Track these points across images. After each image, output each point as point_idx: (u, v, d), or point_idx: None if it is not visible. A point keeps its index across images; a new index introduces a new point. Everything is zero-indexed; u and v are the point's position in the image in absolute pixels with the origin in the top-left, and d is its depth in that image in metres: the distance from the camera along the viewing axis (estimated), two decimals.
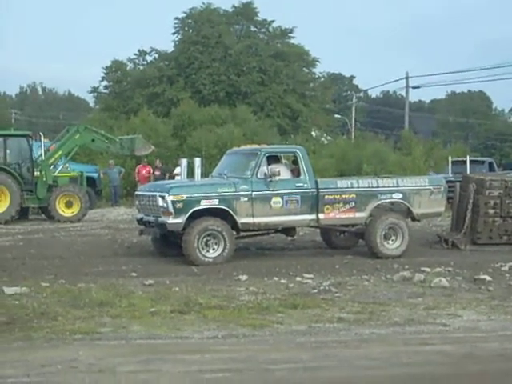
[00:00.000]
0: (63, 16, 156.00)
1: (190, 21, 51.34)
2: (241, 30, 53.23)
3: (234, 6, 52.02)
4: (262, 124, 43.14)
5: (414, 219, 17.30)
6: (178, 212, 15.21)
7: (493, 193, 18.23)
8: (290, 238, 18.04)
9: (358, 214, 16.48)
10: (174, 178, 29.08)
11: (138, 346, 8.56)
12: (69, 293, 11.51)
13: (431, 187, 17.10)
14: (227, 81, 47.94)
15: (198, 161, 17.24)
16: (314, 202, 16.13)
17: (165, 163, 34.17)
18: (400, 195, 16.78)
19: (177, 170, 30.65)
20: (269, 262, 15.34)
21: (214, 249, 15.34)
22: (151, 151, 29.02)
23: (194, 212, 15.30)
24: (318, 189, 16.18)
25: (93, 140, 26.45)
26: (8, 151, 25.23)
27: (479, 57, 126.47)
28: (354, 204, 16.39)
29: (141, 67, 51.70)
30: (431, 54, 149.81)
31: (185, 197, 15.35)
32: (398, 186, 16.85)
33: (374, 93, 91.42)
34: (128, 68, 51.54)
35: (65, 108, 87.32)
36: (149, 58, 51.98)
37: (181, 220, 15.23)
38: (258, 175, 15.88)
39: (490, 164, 34.11)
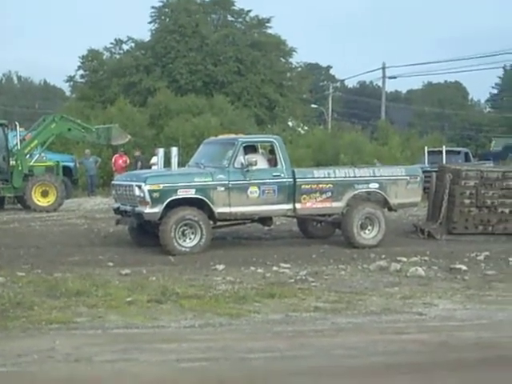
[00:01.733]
0: (38, 3, 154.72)
1: (166, 10, 51.14)
2: (218, 19, 53.10)
3: None
4: (239, 114, 43.09)
5: (390, 209, 17.37)
6: (154, 201, 15.18)
7: (468, 183, 18.34)
8: (266, 228, 18.07)
9: (334, 204, 16.52)
10: (150, 167, 29.01)
11: (114, 336, 8.54)
12: (45, 282, 11.46)
13: (408, 177, 17.16)
14: (204, 70, 47.81)
15: (174, 150, 17.21)
16: (291, 192, 16.15)
17: (142, 153, 34.04)
18: (376, 185, 16.84)
19: (153, 160, 30.59)
20: (245, 252, 15.36)
21: (190, 238, 15.34)
22: (127, 140, 28.92)
23: (170, 202, 15.28)
24: (294, 178, 16.20)
25: (69, 129, 26.31)
26: None
27: (455, 48, 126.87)
28: (330, 194, 16.43)
29: (117, 56, 51.44)
30: (408, 44, 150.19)
31: (161, 186, 15.32)
32: (374, 176, 16.91)
33: (350, 83, 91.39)
34: (104, 57, 51.25)
35: (40, 97, 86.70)
36: (125, 47, 51.75)
37: (157, 210, 15.21)
38: (235, 165, 15.88)
39: (466, 154, 34.19)
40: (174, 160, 16.96)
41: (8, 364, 7.38)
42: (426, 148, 33.45)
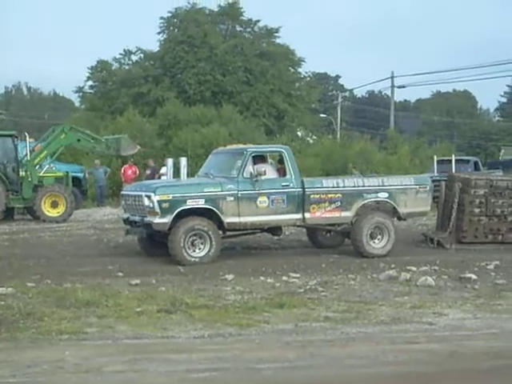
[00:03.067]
0: (48, 15, 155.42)
1: (175, 20, 51.23)
2: (226, 29, 53.16)
3: (219, 6, 51.93)
4: (248, 124, 43.11)
5: (399, 218, 17.34)
6: (164, 212, 15.19)
7: (478, 192, 18.30)
8: (276, 238, 18.06)
9: (343, 214, 16.51)
10: (160, 177, 29.06)
11: (124, 346, 8.55)
12: (55, 293, 11.47)
13: (417, 186, 17.14)
14: (213, 80, 47.85)
15: (183, 160, 17.25)
16: (300, 202, 16.15)
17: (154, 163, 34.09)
18: (386, 194, 16.82)
19: (163, 170, 30.64)
20: (255, 262, 15.35)
21: (200, 248, 15.33)
22: (137, 151, 28.98)
23: (180, 212, 15.28)
24: (303, 188, 16.20)
25: (78, 140, 26.39)
26: None
27: (464, 56, 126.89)
28: (339, 203, 16.42)
29: (126, 67, 51.51)
30: (416, 53, 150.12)
31: (171, 196, 15.33)
32: (383, 186, 16.89)
33: (359, 92, 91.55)
34: (113, 68, 51.33)
35: (50, 108, 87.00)
36: (134, 58, 51.81)
37: (167, 220, 15.21)
38: (244, 175, 15.88)
39: (476, 163, 34.18)
40: (183, 170, 17.00)
41: (18, 375, 7.38)
42: (435, 157, 33.46)
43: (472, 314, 10.49)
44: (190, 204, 15.43)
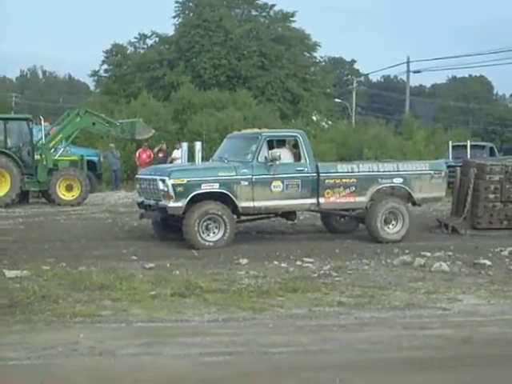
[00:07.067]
0: None
1: (190, 4, 51.19)
2: (241, 13, 53.08)
3: None
4: (263, 108, 43.09)
5: (414, 204, 17.29)
6: (178, 196, 15.20)
7: (493, 178, 18.22)
8: (290, 222, 18.06)
9: (358, 199, 16.49)
10: (172, 161, 29.08)
11: (138, 329, 8.58)
12: (69, 276, 11.52)
13: (432, 172, 17.08)
14: (228, 65, 47.82)
15: (198, 145, 17.29)
16: (315, 186, 16.13)
17: (167, 146, 34.13)
18: (400, 180, 16.78)
19: (174, 154, 30.67)
20: (269, 246, 15.36)
21: (214, 232, 15.36)
22: (151, 135, 28.99)
23: (194, 196, 15.29)
24: (318, 173, 16.18)
25: (93, 123, 26.43)
26: (8, 135, 25.19)
27: (480, 41, 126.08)
28: (354, 188, 16.39)
29: (141, 51, 51.56)
30: (432, 38, 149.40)
31: (185, 180, 15.34)
32: (398, 171, 16.85)
33: (374, 77, 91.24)
34: (128, 52, 51.40)
35: (65, 91, 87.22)
36: (149, 42, 51.90)
37: (181, 204, 15.23)
38: (259, 159, 15.86)
39: (491, 149, 34.07)
40: (198, 154, 17.02)
41: (32, 357, 7.42)
42: (450, 143, 33.38)
43: (486, 300, 10.47)
44: (205, 188, 15.44)
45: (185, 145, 18.80)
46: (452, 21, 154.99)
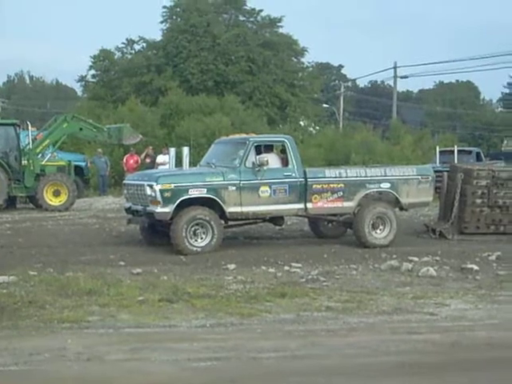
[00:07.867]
0: (50, 3, 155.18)
1: (178, 9, 51.10)
2: (229, 19, 53.03)
3: None
4: (251, 113, 43.02)
5: (401, 209, 17.35)
6: (166, 201, 15.19)
7: (480, 182, 18.27)
8: (278, 228, 18.06)
9: (346, 204, 16.50)
10: (157, 166, 28.99)
11: (126, 335, 8.57)
12: (57, 281, 11.48)
13: (419, 177, 17.12)
14: (215, 70, 47.77)
15: (186, 150, 17.31)
16: (302, 192, 16.14)
17: (154, 152, 34.06)
18: (388, 185, 16.81)
19: (159, 159, 30.59)
20: (257, 252, 15.36)
21: (202, 238, 15.34)
22: (139, 140, 28.93)
23: (182, 201, 15.28)
24: (306, 178, 16.19)
25: (80, 129, 26.34)
26: None
27: (467, 47, 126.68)
28: (342, 193, 16.41)
29: (129, 56, 51.42)
30: (420, 44, 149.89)
31: (173, 186, 15.33)
32: (385, 176, 16.88)
33: (362, 82, 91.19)
34: (116, 57, 51.23)
35: (52, 97, 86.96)
36: (137, 47, 51.72)
37: (169, 209, 15.22)
38: (246, 164, 15.87)
39: (478, 154, 34.16)
40: (186, 160, 17.00)
41: (20, 363, 7.40)
42: (437, 148, 33.44)
43: (473, 304, 10.51)
44: (192, 193, 15.44)
45: (172, 150, 18.76)
46: (439, 27, 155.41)
